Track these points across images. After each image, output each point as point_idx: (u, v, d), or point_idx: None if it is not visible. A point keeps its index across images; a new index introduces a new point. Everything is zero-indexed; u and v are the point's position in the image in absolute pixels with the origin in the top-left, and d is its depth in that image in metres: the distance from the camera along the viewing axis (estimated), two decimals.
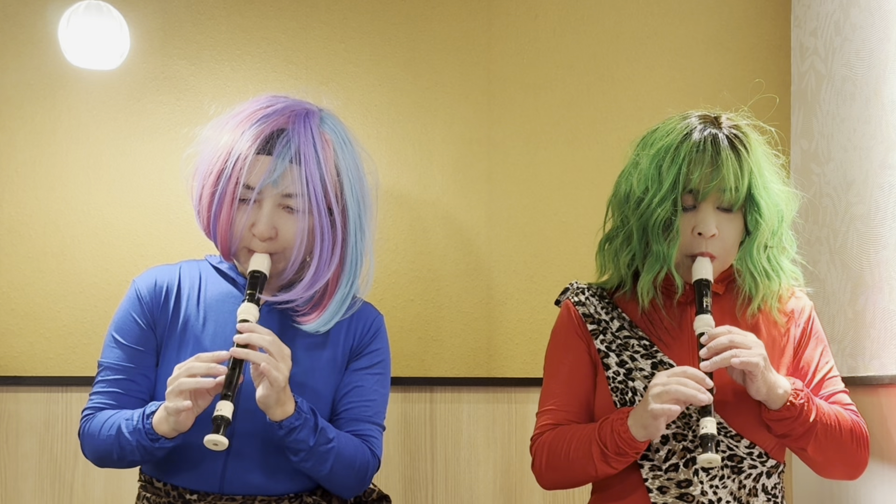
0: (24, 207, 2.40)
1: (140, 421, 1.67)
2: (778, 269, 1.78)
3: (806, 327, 1.81)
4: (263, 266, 1.72)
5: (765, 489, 1.74)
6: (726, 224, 1.72)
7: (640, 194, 1.73)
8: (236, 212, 1.73)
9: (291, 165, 1.71)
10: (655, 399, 1.61)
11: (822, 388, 1.77)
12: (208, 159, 1.75)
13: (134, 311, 1.80)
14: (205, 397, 1.64)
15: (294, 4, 2.48)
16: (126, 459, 1.71)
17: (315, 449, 1.68)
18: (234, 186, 1.71)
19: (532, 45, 2.50)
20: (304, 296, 1.76)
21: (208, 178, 1.74)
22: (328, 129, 1.78)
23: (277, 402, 1.64)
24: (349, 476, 1.75)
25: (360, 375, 1.83)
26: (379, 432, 1.83)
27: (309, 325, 1.77)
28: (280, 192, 1.71)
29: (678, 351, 1.76)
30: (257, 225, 1.72)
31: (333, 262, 1.76)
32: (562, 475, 1.76)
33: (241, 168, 1.70)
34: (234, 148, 1.72)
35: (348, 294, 1.80)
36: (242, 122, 1.74)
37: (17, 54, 2.42)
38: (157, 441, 1.66)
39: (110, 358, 1.78)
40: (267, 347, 1.64)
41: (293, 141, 1.72)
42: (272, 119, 1.74)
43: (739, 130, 1.75)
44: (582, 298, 1.84)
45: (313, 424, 1.68)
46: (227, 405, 1.59)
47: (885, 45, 2.02)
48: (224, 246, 1.77)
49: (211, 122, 1.80)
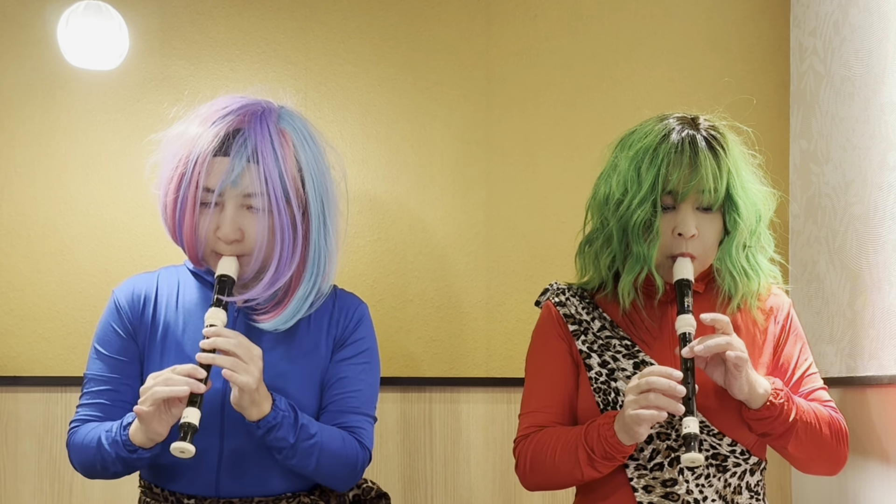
0: (23, 207, 2.40)
1: (118, 432, 1.66)
2: (757, 268, 1.79)
3: (785, 324, 1.82)
4: (231, 270, 1.70)
5: (748, 487, 1.75)
6: (706, 224, 1.74)
7: (619, 196, 1.74)
8: (199, 216, 1.71)
9: (249, 164, 1.69)
10: (632, 405, 1.61)
11: (801, 385, 1.78)
12: (169, 165, 1.73)
13: (114, 322, 1.79)
14: (178, 406, 1.62)
15: (293, 5, 2.48)
16: (110, 471, 1.71)
17: (297, 445, 1.67)
18: (195, 190, 1.69)
19: (531, 45, 2.50)
20: (265, 294, 1.74)
21: (170, 185, 1.72)
22: (287, 126, 1.76)
23: (252, 403, 1.63)
24: (337, 470, 1.74)
25: (344, 366, 1.81)
26: (368, 423, 1.81)
27: (267, 324, 1.74)
28: (240, 193, 1.70)
29: (659, 350, 1.76)
30: (221, 228, 1.70)
31: (295, 259, 1.74)
32: (546, 478, 1.76)
33: (200, 171, 1.68)
34: (192, 152, 1.70)
35: (311, 291, 1.77)
36: (199, 126, 1.72)
37: (16, 54, 2.42)
38: (134, 452, 1.65)
39: (94, 370, 1.78)
40: (234, 350, 1.62)
41: (250, 140, 1.70)
42: (228, 120, 1.71)
43: (717, 131, 1.76)
44: (563, 299, 1.85)
45: (292, 421, 1.67)
46: (194, 412, 1.58)
47: (884, 46, 2.02)
48: (192, 252, 1.75)
49: (171, 127, 1.78)
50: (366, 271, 2.44)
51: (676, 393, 1.59)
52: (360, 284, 2.40)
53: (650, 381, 1.60)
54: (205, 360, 1.62)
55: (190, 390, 1.59)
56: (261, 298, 1.75)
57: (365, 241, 2.44)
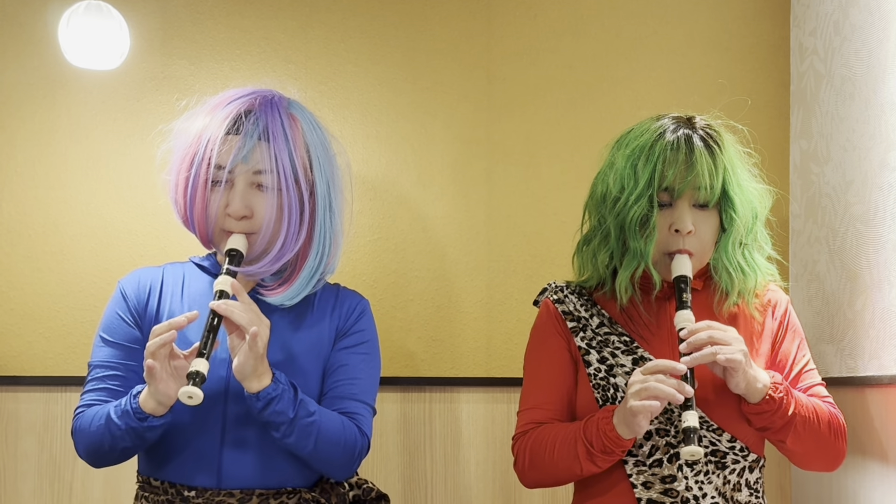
0: (23, 207, 2.40)
1: (127, 403, 1.68)
2: (753, 265, 1.80)
3: (783, 321, 1.83)
4: (240, 245, 1.75)
5: (748, 484, 1.75)
6: (702, 221, 1.75)
7: (616, 193, 1.75)
8: (210, 194, 1.76)
9: (260, 142, 1.75)
10: (634, 397, 1.62)
11: (799, 380, 1.80)
12: (181, 148, 1.78)
13: (120, 310, 1.82)
14: (180, 362, 1.66)
15: (294, 4, 2.48)
16: (118, 448, 1.71)
17: (296, 422, 1.68)
18: (207, 168, 1.74)
19: (532, 45, 2.50)
20: (270, 269, 1.78)
21: (182, 165, 1.77)
22: (296, 111, 1.82)
23: (254, 373, 1.65)
24: (336, 454, 1.74)
25: (345, 354, 1.84)
26: (367, 411, 1.82)
27: (274, 298, 1.79)
28: (251, 170, 1.74)
29: (658, 346, 1.77)
30: (231, 204, 1.74)
31: (301, 236, 1.78)
32: (545, 474, 1.77)
33: (212, 149, 1.73)
34: (205, 132, 1.75)
35: (316, 270, 1.81)
36: (211, 111, 1.78)
37: (17, 54, 2.42)
38: (145, 420, 1.67)
39: (99, 357, 1.80)
40: (244, 311, 1.65)
41: (261, 119, 1.75)
42: (240, 101, 1.78)
43: (712, 129, 1.78)
44: (561, 296, 1.86)
45: (292, 396, 1.69)
46: (202, 362, 1.61)
47: (885, 46, 2.02)
48: (202, 231, 1.79)
49: (183, 116, 1.83)
50: (366, 270, 2.44)
51: (678, 371, 1.61)
52: (361, 284, 2.40)
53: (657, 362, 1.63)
54: (220, 307, 1.65)
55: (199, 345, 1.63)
56: (266, 273, 1.78)
57: (365, 240, 2.44)
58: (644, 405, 1.60)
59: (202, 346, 1.63)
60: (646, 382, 1.61)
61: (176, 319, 1.66)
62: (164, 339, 1.63)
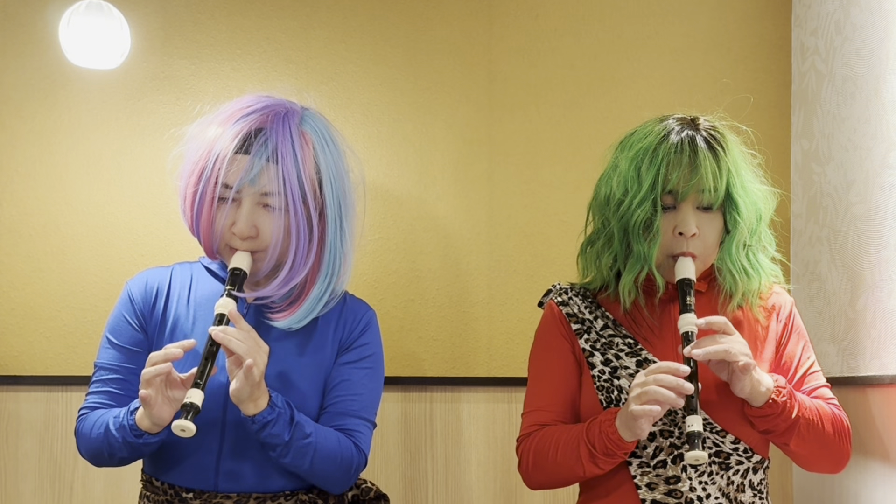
0: (24, 207, 2.40)
1: (125, 417, 1.68)
2: (757, 268, 1.80)
3: (787, 323, 1.83)
4: (244, 264, 1.73)
5: (751, 485, 1.75)
6: (706, 223, 1.74)
7: (619, 196, 1.75)
8: (216, 211, 1.74)
9: (269, 164, 1.72)
10: (635, 400, 1.61)
11: (804, 383, 1.79)
12: (191, 158, 1.77)
13: (126, 313, 1.82)
14: (177, 387, 1.65)
15: (295, 4, 2.48)
16: (116, 457, 1.72)
17: (291, 444, 1.68)
18: (214, 186, 1.72)
19: (533, 45, 2.50)
20: (279, 293, 1.76)
21: (191, 178, 1.75)
22: (309, 128, 1.79)
23: (250, 397, 1.64)
24: (332, 471, 1.74)
25: (348, 369, 1.82)
26: (367, 427, 1.82)
27: (281, 322, 1.77)
28: (258, 191, 1.72)
29: (662, 349, 1.77)
30: (237, 224, 1.73)
31: (309, 260, 1.77)
32: (549, 476, 1.77)
33: (220, 167, 1.71)
34: (214, 147, 1.73)
35: (325, 292, 1.79)
36: (223, 122, 1.76)
37: (17, 54, 2.42)
38: (140, 437, 1.67)
39: (104, 358, 1.81)
40: (243, 339, 1.64)
41: (271, 139, 1.73)
42: (251, 118, 1.75)
43: (716, 131, 1.77)
44: (565, 298, 1.86)
45: (288, 419, 1.68)
46: (198, 393, 1.59)
47: (886, 45, 2.02)
48: (207, 244, 1.78)
49: (197, 121, 1.81)
50: (367, 271, 2.44)
51: (683, 390, 1.60)
52: (362, 284, 2.40)
53: (657, 378, 1.61)
54: (219, 336, 1.63)
55: (195, 372, 1.62)
56: (275, 297, 1.77)
57: (366, 240, 2.44)
58: (644, 409, 1.60)
59: (199, 374, 1.62)
60: (646, 386, 1.61)
61: (172, 350, 1.64)
62: (160, 369, 1.62)
